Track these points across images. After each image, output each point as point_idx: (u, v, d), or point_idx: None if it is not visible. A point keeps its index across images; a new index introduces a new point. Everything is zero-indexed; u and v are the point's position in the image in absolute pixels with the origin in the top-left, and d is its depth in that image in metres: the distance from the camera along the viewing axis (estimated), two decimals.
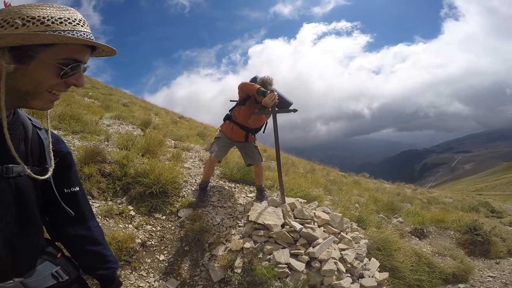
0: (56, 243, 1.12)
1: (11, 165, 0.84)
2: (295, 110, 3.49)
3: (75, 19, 0.77)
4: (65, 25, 0.75)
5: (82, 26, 0.78)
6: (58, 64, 0.76)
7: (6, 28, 0.69)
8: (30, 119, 0.97)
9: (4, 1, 0.74)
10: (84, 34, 0.78)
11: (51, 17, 0.73)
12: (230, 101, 4.15)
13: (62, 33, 0.73)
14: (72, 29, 0.75)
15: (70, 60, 0.78)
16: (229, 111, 4.09)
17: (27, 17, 0.71)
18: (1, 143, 0.81)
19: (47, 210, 1.05)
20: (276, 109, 3.56)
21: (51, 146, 0.98)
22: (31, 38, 0.70)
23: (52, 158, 0.97)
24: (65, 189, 1.07)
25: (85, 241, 1.11)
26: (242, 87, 3.75)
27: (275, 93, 3.42)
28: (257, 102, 3.71)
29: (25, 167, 0.84)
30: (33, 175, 0.87)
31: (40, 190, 0.98)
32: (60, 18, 0.74)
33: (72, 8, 0.79)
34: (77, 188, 1.11)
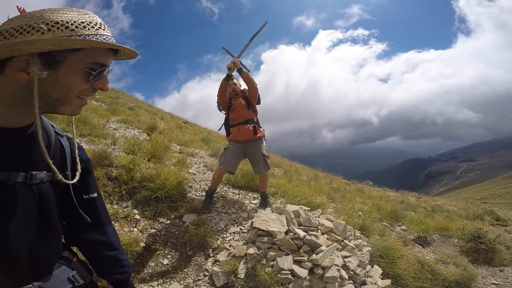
0: (71, 247, 1.14)
1: (35, 172, 0.85)
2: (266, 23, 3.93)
3: (96, 23, 0.78)
4: (88, 29, 0.75)
5: (103, 30, 0.79)
6: (86, 69, 0.77)
7: (32, 33, 0.69)
8: (52, 126, 1.00)
9: (18, 7, 0.75)
10: (107, 38, 0.78)
11: (74, 21, 0.73)
12: (219, 130, 4.48)
13: (87, 37, 0.74)
14: (96, 33, 0.76)
15: (96, 65, 0.79)
16: (226, 127, 4.26)
17: (51, 22, 0.71)
18: (26, 150, 0.83)
19: (65, 215, 1.07)
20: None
21: (77, 152, 1.01)
22: (61, 43, 0.70)
23: (79, 163, 0.99)
24: (84, 195, 1.09)
25: (102, 246, 1.13)
26: (219, 98, 4.09)
27: (232, 58, 3.88)
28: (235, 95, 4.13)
29: (58, 173, 0.86)
30: (64, 180, 0.88)
31: (59, 196, 1.00)
32: (82, 23, 0.75)
33: (91, 12, 0.80)
34: (95, 194, 1.13)
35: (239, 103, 4.03)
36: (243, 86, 4.19)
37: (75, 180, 0.94)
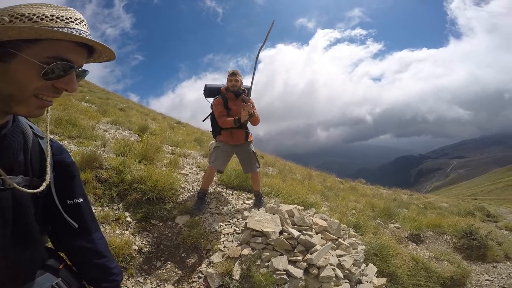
0: (59, 253, 1.09)
1: (8, 176, 0.79)
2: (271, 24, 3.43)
3: (70, 17, 0.71)
4: (56, 21, 0.68)
5: (77, 24, 0.71)
6: (41, 63, 0.68)
7: None
8: (31, 127, 0.93)
9: None
10: (77, 31, 0.70)
11: (42, 15, 0.67)
12: (203, 121, 4.27)
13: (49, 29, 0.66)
14: (63, 26, 0.68)
15: (55, 59, 0.69)
16: (216, 127, 4.10)
17: (17, 14, 0.66)
18: None
19: (50, 221, 1.02)
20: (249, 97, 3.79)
21: (49, 160, 0.92)
22: (7, 32, 0.63)
23: (49, 172, 0.90)
24: (68, 200, 1.03)
25: (88, 253, 1.08)
26: (219, 122, 3.91)
27: (247, 105, 3.60)
28: (236, 95, 3.93)
29: (8, 179, 0.78)
30: (19, 187, 0.80)
31: (42, 201, 0.94)
32: (52, 15, 0.68)
33: (73, 9, 0.73)
34: (81, 199, 1.07)
35: (238, 110, 3.82)
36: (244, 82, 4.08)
37: (40, 190, 0.85)
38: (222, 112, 3.86)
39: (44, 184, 0.87)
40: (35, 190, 0.83)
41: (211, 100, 4.12)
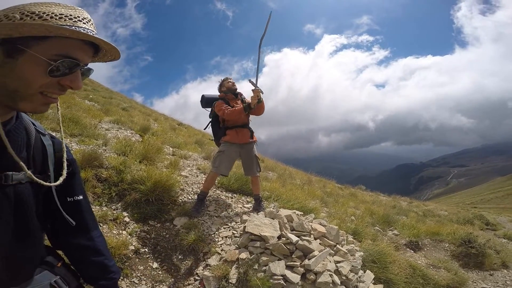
0: (57, 251, 1.10)
1: (11, 172, 0.80)
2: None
3: (78, 16, 0.73)
4: (64, 20, 0.70)
5: (84, 23, 0.73)
6: (49, 60, 0.70)
7: (3, 21, 0.67)
8: (33, 124, 0.94)
9: None
10: (85, 30, 0.72)
11: (52, 13, 0.69)
12: (204, 129, 4.40)
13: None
14: (72, 24, 0.71)
15: (62, 57, 0.72)
16: (219, 130, 4.14)
17: (27, 12, 0.68)
18: (0, 149, 0.78)
19: (48, 218, 1.02)
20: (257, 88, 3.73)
21: (65, 156, 0.95)
22: (17, 28, 0.65)
23: (65, 167, 0.93)
24: (68, 198, 1.04)
25: (86, 251, 1.08)
26: (226, 115, 3.88)
27: (256, 89, 3.64)
28: (234, 95, 4.06)
29: (32, 174, 0.81)
30: (41, 182, 0.82)
31: (42, 198, 0.95)
32: (61, 14, 0.70)
33: (80, 8, 0.76)
34: (81, 197, 1.08)
35: (238, 104, 3.97)
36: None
37: (57, 183, 0.88)
38: (227, 107, 3.91)
39: (61, 179, 0.89)
40: (53, 184, 0.87)
41: (208, 109, 4.22)
